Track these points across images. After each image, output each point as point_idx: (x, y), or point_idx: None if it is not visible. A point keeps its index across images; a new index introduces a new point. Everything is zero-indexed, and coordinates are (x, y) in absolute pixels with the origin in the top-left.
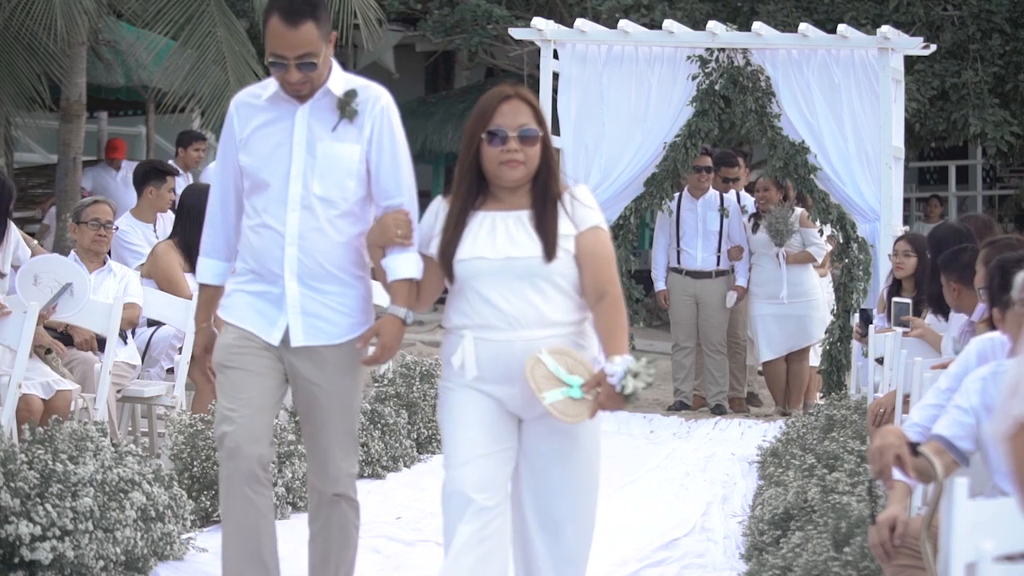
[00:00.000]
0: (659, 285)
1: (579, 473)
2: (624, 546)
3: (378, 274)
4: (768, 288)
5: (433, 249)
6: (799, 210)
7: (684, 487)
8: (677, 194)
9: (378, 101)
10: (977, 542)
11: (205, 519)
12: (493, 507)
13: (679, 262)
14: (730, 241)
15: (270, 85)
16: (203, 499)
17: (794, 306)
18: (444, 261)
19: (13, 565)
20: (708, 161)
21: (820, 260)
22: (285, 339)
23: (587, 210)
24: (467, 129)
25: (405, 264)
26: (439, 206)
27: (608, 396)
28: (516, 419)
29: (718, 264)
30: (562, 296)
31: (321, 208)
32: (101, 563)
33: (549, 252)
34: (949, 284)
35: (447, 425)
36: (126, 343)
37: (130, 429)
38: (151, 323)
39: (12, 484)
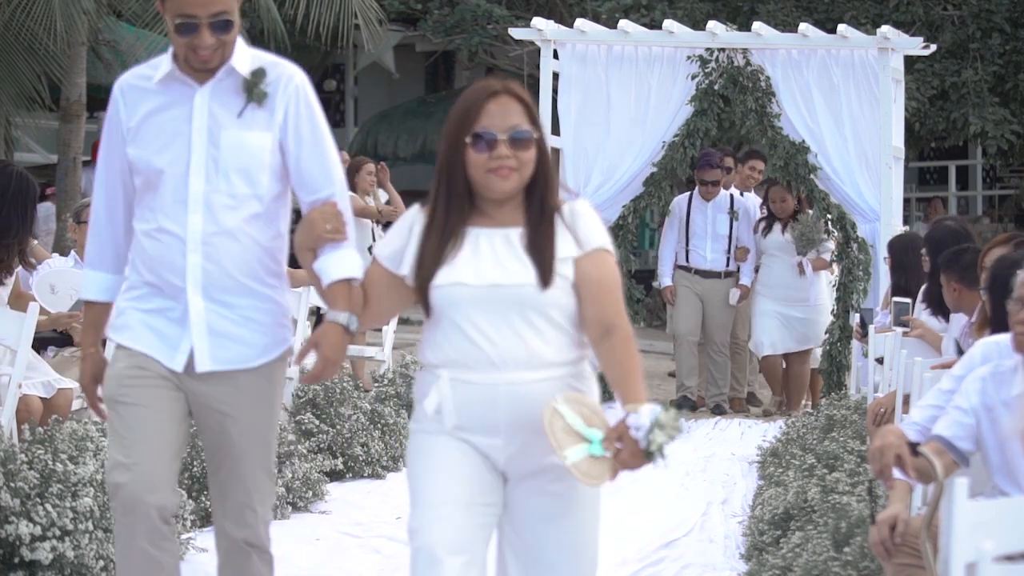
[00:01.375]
0: (665, 281)
1: (577, 540)
2: (624, 546)
3: (312, 280)
4: (778, 291)
5: (405, 270)
6: (809, 212)
7: (684, 487)
8: (688, 194)
9: (291, 80)
10: (977, 542)
11: (205, 519)
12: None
13: (688, 260)
14: (738, 242)
15: (162, 64)
16: (203, 499)
17: (801, 309)
18: (419, 286)
19: (13, 565)
20: (716, 175)
21: (829, 262)
22: (190, 364)
23: (591, 228)
24: (448, 130)
25: (340, 263)
26: (414, 218)
27: (632, 453)
28: (501, 475)
29: (727, 265)
30: (557, 331)
31: (228, 208)
32: (101, 563)
33: (544, 279)
34: (949, 284)
35: (417, 471)
36: None
37: None
38: None
39: (12, 484)
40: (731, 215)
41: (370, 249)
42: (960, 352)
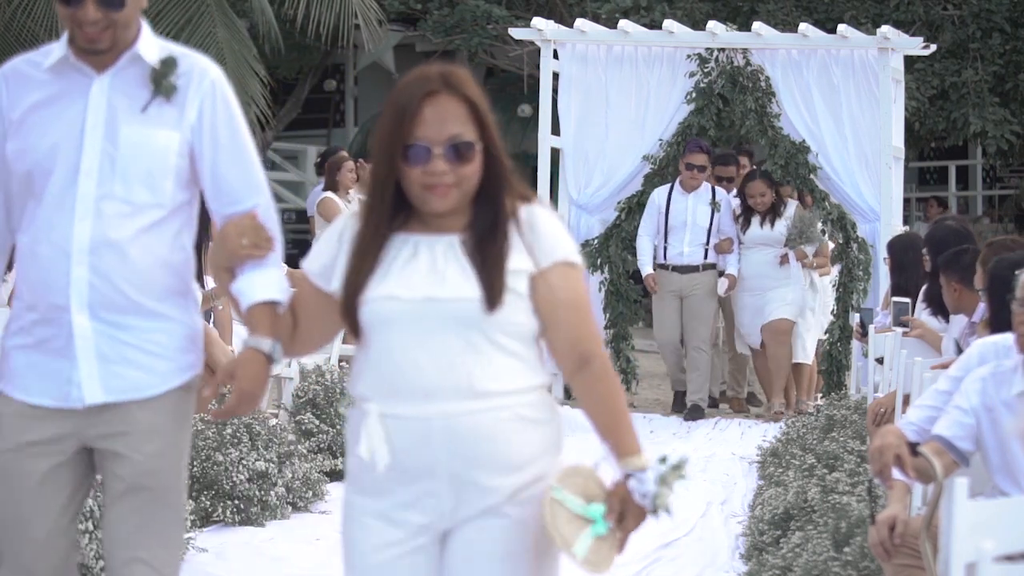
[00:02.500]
0: (646, 270)
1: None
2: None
3: (233, 305)
4: (755, 282)
5: (336, 284)
6: (794, 203)
7: (684, 487)
8: (668, 185)
9: (205, 75)
10: (977, 542)
11: (205, 519)
12: None
13: (664, 257)
14: (720, 235)
15: (55, 50)
16: (203, 499)
17: (776, 289)
18: (345, 300)
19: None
20: (702, 159)
21: (809, 256)
22: (80, 397)
23: (552, 237)
24: (380, 134)
25: (261, 283)
26: (345, 225)
27: (636, 518)
28: (439, 542)
29: (705, 258)
30: (506, 357)
31: (123, 216)
32: (101, 563)
33: (492, 295)
34: (950, 285)
35: (350, 566)
36: None
37: None
38: None
39: None
40: (712, 206)
41: None
42: (960, 352)
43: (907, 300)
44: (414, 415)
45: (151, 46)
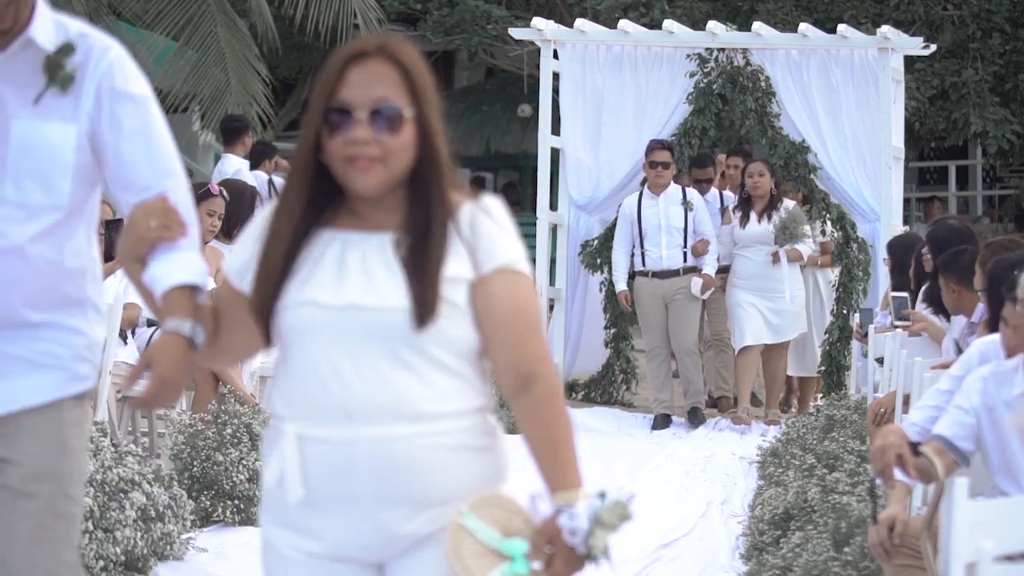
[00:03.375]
0: (620, 286)
1: None
2: (624, 546)
3: (146, 298)
4: (752, 283)
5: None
6: (791, 202)
7: (684, 487)
8: (637, 192)
9: (104, 55)
10: (977, 542)
11: (205, 519)
12: None
13: (644, 264)
14: (696, 236)
15: None
16: (203, 499)
17: (776, 300)
18: (258, 305)
19: None
20: (665, 156)
21: (806, 258)
22: None
23: (496, 238)
24: (309, 105)
25: (177, 266)
26: (266, 216)
27: (567, 561)
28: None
29: (685, 260)
30: (443, 374)
31: (14, 220)
32: (101, 563)
33: (423, 307)
34: (948, 285)
35: None
36: (126, 343)
37: (130, 429)
38: (151, 323)
39: None
40: (685, 206)
41: None
42: (960, 353)
43: (906, 295)
44: (336, 438)
45: (47, 28)
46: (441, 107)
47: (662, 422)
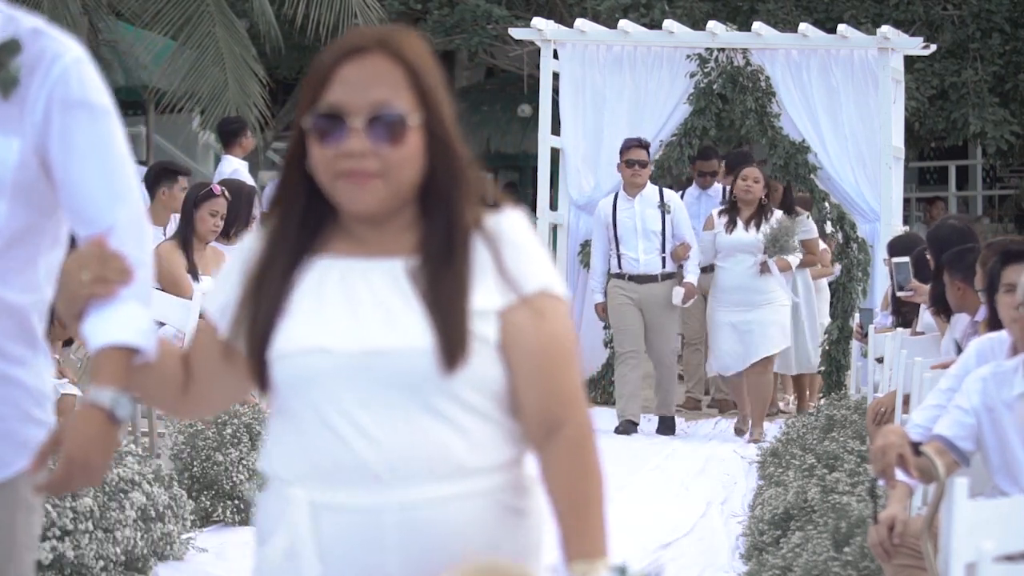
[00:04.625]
0: (597, 297)
1: None
2: (624, 546)
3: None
4: (734, 296)
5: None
6: (779, 213)
7: (684, 487)
8: (612, 194)
9: (58, 59)
10: (977, 542)
11: (205, 519)
12: None
13: (620, 267)
14: (675, 240)
15: None
16: (203, 499)
17: (757, 312)
18: (251, 353)
19: None
20: (642, 154)
21: (794, 268)
22: None
23: (528, 259)
24: (298, 108)
25: (112, 323)
26: (251, 246)
27: None
28: None
29: (663, 266)
30: (480, 421)
31: None
32: (101, 563)
33: (453, 347)
34: (953, 283)
35: None
36: None
37: (130, 429)
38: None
39: None
40: (662, 209)
41: None
42: (960, 352)
43: (907, 259)
44: (360, 505)
45: None
46: (453, 109)
47: (626, 428)
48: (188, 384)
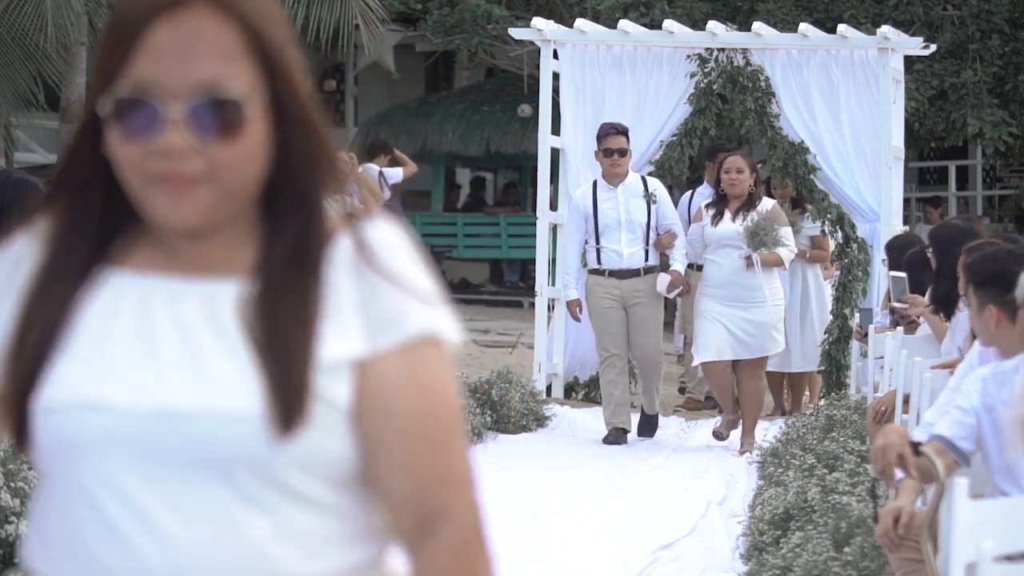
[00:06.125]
0: (570, 294)
1: None
2: (624, 546)
3: None
4: (725, 291)
5: None
6: (771, 202)
7: (684, 487)
8: (591, 183)
9: None
10: (977, 542)
11: None
12: None
13: (599, 262)
14: (660, 229)
15: None
16: None
17: (751, 310)
18: (11, 401)
19: (13, 565)
20: (621, 142)
21: (786, 263)
22: None
23: (407, 287)
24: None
25: None
26: (23, 251)
27: None
28: None
29: (647, 260)
30: (313, 514)
31: None
32: None
33: (288, 408)
34: (986, 310)
35: None
36: None
37: None
38: None
39: (12, 484)
40: (647, 199)
41: None
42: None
43: (904, 275)
44: None
45: None
46: (309, 78)
47: (615, 436)
48: None
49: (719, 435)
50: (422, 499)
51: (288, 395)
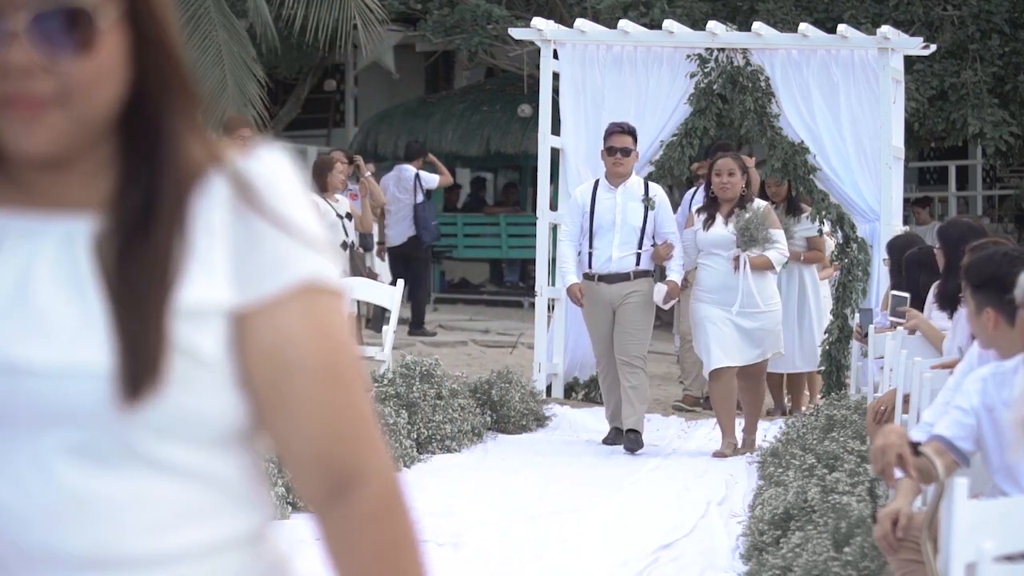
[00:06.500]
0: (570, 278)
1: None
2: (624, 546)
3: None
4: (721, 296)
5: None
6: (762, 203)
7: (684, 487)
8: (593, 181)
9: None
10: (977, 542)
11: None
12: None
13: (589, 265)
14: (658, 237)
15: None
16: None
17: (750, 317)
18: None
19: None
20: (627, 141)
21: (777, 266)
22: None
23: (294, 227)
24: None
25: None
26: None
27: None
28: None
29: (638, 264)
30: (175, 482)
31: None
32: None
33: (140, 366)
34: (984, 312)
35: None
36: None
37: None
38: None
39: None
40: (645, 203)
41: (345, 245)
42: (962, 353)
43: (906, 295)
44: None
45: None
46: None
47: (615, 436)
48: None
49: (721, 456)
50: (334, 459)
51: (140, 348)
